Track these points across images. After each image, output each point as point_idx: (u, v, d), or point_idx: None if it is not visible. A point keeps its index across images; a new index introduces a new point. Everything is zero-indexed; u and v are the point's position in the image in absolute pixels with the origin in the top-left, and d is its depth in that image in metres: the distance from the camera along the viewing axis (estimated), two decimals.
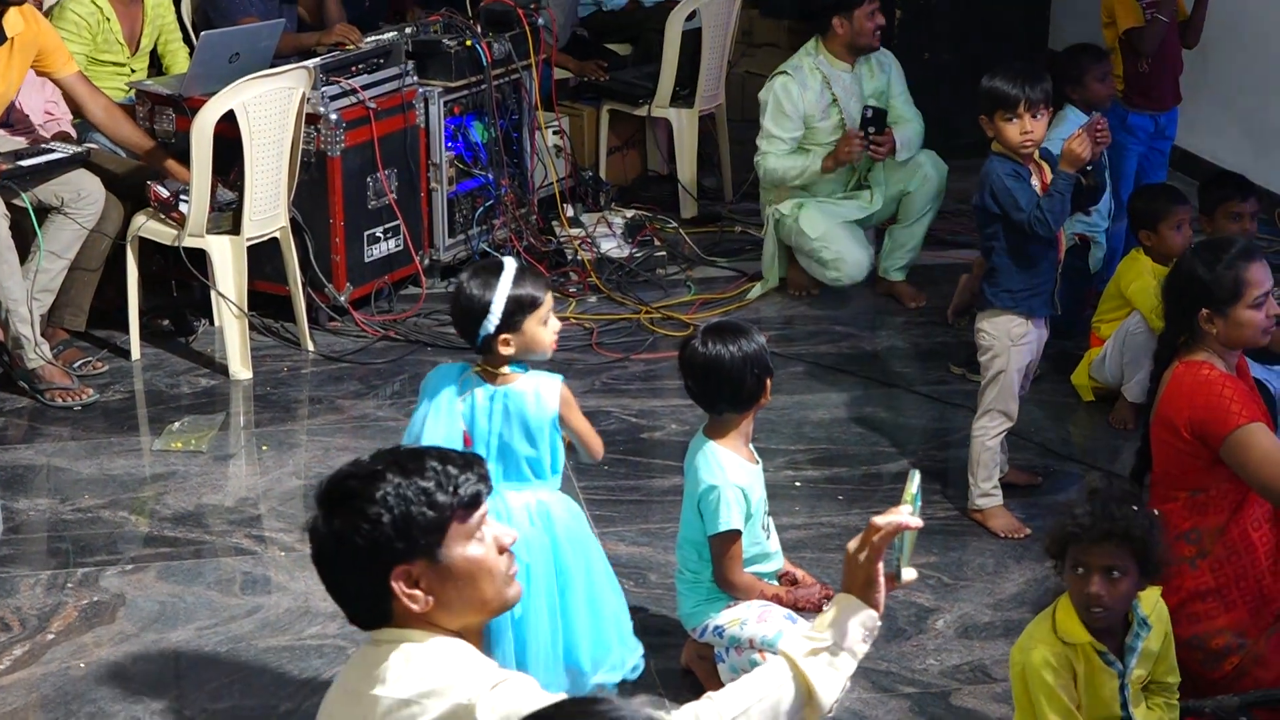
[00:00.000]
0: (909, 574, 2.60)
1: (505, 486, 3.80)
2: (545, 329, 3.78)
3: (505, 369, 3.82)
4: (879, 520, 2.55)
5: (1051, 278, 4.88)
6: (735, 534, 3.88)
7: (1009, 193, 4.70)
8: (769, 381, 3.93)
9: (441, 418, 3.83)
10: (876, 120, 6.52)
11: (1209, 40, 7.15)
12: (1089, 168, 4.81)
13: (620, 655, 3.97)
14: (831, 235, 6.57)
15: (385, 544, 2.43)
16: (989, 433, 4.94)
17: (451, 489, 2.47)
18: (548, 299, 3.78)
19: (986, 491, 4.97)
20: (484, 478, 2.53)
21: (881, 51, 6.80)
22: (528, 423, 3.81)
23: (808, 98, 6.56)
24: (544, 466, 3.88)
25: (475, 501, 2.50)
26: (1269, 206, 7.72)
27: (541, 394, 3.81)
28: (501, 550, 2.53)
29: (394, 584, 2.44)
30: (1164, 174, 6.98)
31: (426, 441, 3.83)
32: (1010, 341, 4.85)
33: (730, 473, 3.89)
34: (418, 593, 2.45)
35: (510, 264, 3.78)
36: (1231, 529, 3.85)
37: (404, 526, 2.43)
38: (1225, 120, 8.18)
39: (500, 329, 3.72)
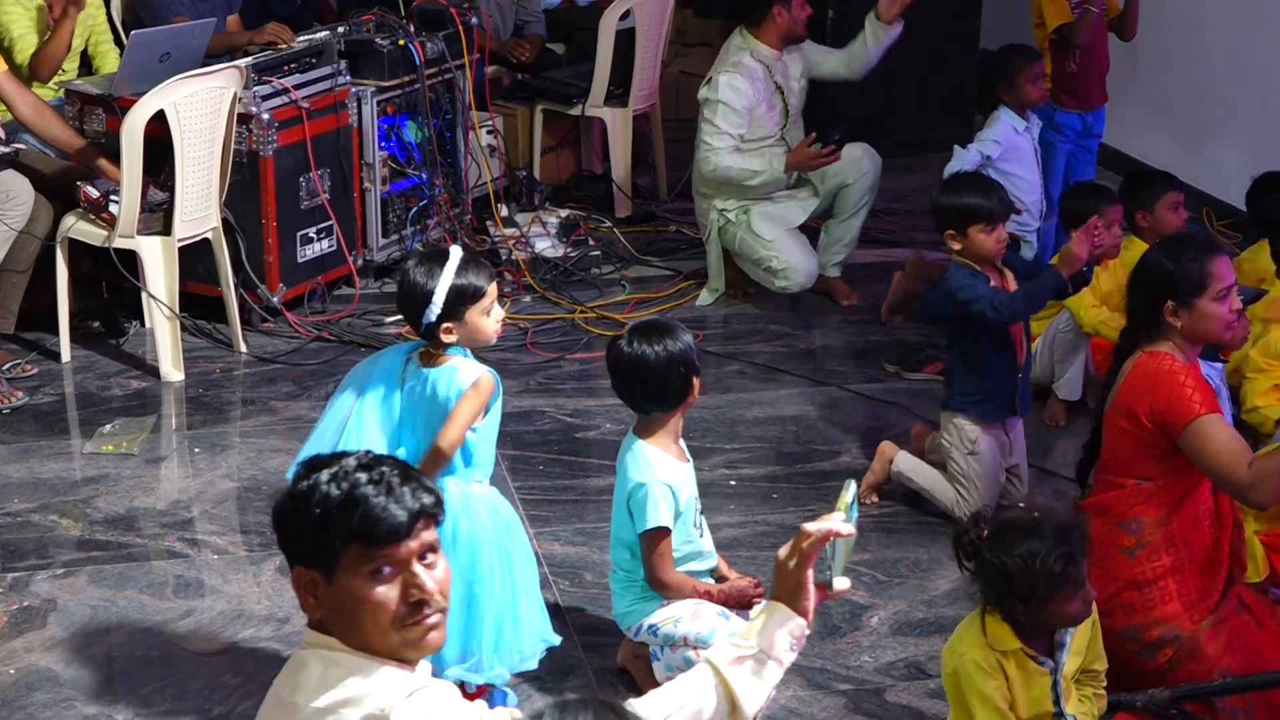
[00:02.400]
0: (842, 583, 2.56)
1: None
2: (488, 319, 3.84)
3: (443, 352, 3.88)
4: (809, 526, 2.51)
5: (1009, 382, 4.90)
6: (664, 531, 3.89)
7: (970, 288, 4.75)
8: (696, 380, 3.95)
9: (377, 406, 3.89)
10: (841, 143, 6.54)
11: (1137, 38, 7.22)
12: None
13: (534, 647, 3.97)
14: (781, 243, 6.56)
15: (287, 541, 2.46)
16: (946, 497, 4.98)
17: (357, 517, 2.37)
18: (491, 289, 3.84)
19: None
20: (414, 513, 2.39)
21: None
22: (437, 402, 3.84)
23: (757, 89, 6.55)
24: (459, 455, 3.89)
25: (381, 538, 2.37)
26: (1197, 204, 7.80)
27: (459, 372, 3.85)
28: (412, 600, 2.40)
29: (293, 581, 2.45)
30: (1092, 172, 7.06)
31: (356, 422, 3.87)
32: (965, 449, 4.90)
33: (659, 470, 3.90)
34: (310, 599, 2.43)
35: (455, 252, 3.84)
36: (1172, 522, 3.89)
37: (299, 532, 2.43)
38: (1153, 118, 8.26)
39: (442, 318, 3.78)
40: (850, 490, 2.58)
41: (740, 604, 3.98)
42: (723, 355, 6.20)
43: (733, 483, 5.25)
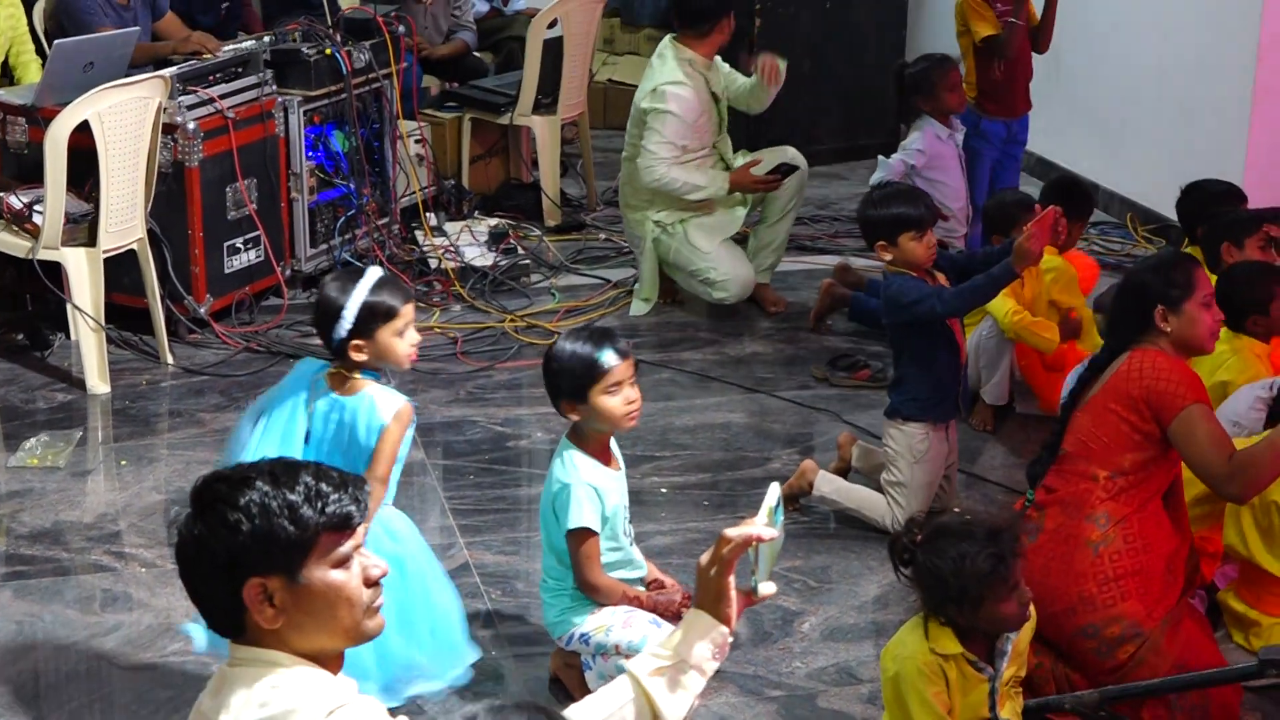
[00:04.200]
0: (767, 588, 2.52)
1: None
2: (400, 340, 3.86)
3: (356, 375, 3.90)
4: (730, 532, 2.48)
5: (956, 381, 4.98)
6: (589, 533, 3.90)
7: (915, 289, 4.76)
8: None
9: (280, 422, 3.90)
10: (787, 173, 6.60)
11: (1060, 46, 7.30)
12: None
13: (458, 660, 3.99)
14: (718, 255, 6.58)
15: (242, 554, 2.37)
16: (877, 511, 4.98)
17: (320, 507, 2.40)
18: (405, 310, 3.87)
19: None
20: (359, 500, 2.46)
21: None
22: (357, 433, 3.86)
23: (699, 100, 6.56)
24: None
25: (345, 523, 2.43)
26: (1121, 212, 7.89)
27: (377, 404, 3.87)
28: (369, 582, 2.46)
29: (245, 596, 2.39)
30: (1017, 179, 7.12)
31: (258, 440, 3.86)
32: (913, 458, 4.90)
33: (583, 472, 3.92)
34: (268, 609, 2.39)
35: (373, 272, 3.87)
36: (1134, 522, 3.96)
37: (264, 539, 2.37)
38: (1077, 125, 8.34)
39: (352, 334, 3.81)
40: (774, 494, 2.54)
41: (671, 614, 3.99)
42: (653, 363, 6.21)
43: (664, 490, 5.26)
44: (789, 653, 4.36)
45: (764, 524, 2.49)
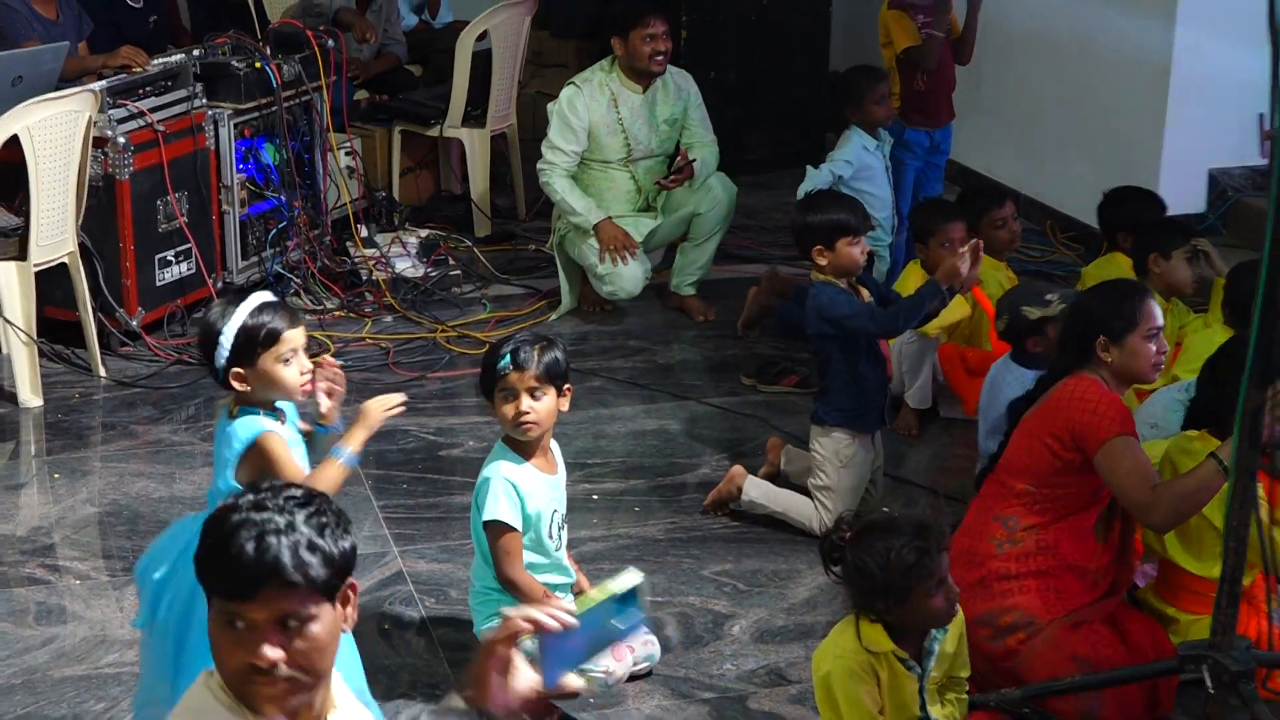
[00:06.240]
0: (574, 682, 2.16)
1: None
2: (286, 368, 3.55)
3: (237, 410, 3.62)
4: (508, 611, 2.23)
5: (882, 393, 5.06)
6: (505, 527, 3.97)
7: (846, 304, 4.84)
8: (568, 389, 4.06)
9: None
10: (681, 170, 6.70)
11: (981, 58, 7.40)
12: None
13: None
14: None
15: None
16: (804, 515, 5.04)
17: (219, 567, 2.32)
18: (290, 335, 3.56)
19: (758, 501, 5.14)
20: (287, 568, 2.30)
21: (682, 75, 6.90)
22: (219, 460, 3.63)
23: (594, 110, 6.65)
24: None
25: (236, 594, 2.29)
26: (1041, 219, 8.01)
27: (236, 431, 3.59)
28: (260, 661, 2.31)
29: None
30: (941, 187, 7.21)
31: None
32: (839, 463, 4.97)
33: (504, 469, 4.00)
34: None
35: (256, 296, 3.61)
36: (1050, 531, 4.05)
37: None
38: (999, 135, 8.46)
39: (231, 360, 3.55)
40: (628, 580, 2.15)
41: None
42: (583, 371, 6.26)
43: (595, 497, 5.31)
44: (719, 655, 4.42)
45: (559, 611, 2.12)
